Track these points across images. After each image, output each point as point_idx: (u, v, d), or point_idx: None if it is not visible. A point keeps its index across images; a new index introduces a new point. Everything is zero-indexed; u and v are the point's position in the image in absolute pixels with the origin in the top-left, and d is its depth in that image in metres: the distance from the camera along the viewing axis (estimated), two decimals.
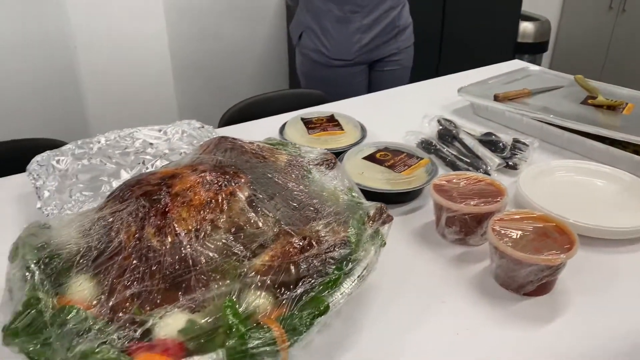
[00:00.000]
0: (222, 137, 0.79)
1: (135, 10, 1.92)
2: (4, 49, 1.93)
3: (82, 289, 0.60)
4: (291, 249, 0.63)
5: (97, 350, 0.54)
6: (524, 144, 1.09)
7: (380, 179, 0.96)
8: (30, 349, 0.54)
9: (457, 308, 0.74)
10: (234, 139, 0.79)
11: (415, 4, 1.83)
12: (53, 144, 1.06)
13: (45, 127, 2.04)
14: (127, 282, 0.59)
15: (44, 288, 0.59)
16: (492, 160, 1.04)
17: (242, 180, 0.69)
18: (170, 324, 0.57)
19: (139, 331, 0.56)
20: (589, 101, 1.24)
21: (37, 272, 0.60)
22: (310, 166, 0.81)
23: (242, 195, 0.68)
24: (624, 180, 0.98)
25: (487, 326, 0.71)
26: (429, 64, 2.46)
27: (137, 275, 0.60)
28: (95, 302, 0.58)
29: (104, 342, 0.55)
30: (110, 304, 0.58)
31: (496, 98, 1.26)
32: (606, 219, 0.85)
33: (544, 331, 0.70)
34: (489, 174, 1.01)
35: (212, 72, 2.56)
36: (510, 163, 1.05)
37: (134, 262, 0.60)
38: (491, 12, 2.57)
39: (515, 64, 1.63)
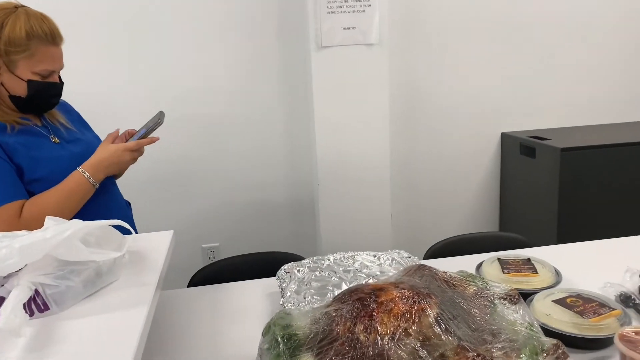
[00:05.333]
0: (422, 264, 1.00)
1: (363, 143, 2.36)
2: (274, 158, 2.62)
3: None
4: None
5: None
6: None
7: (566, 322, 1.02)
8: None
9: None
10: (430, 267, 0.98)
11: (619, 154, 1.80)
12: (296, 257, 1.40)
13: (289, 244, 2.63)
14: None
15: (284, 356, 0.84)
16: None
17: (433, 300, 0.87)
18: None
19: None
20: None
21: (281, 344, 0.86)
22: (495, 299, 0.95)
23: (431, 312, 0.85)
24: None
25: None
26: None
27: (347, 359, 0.81)
28: None
29: None
30: None
31: None
32: None
33: None
34: None
35: (424, 207, 2.84)
36: None
37: (346, 348, 0.82)
38: None
39: None
